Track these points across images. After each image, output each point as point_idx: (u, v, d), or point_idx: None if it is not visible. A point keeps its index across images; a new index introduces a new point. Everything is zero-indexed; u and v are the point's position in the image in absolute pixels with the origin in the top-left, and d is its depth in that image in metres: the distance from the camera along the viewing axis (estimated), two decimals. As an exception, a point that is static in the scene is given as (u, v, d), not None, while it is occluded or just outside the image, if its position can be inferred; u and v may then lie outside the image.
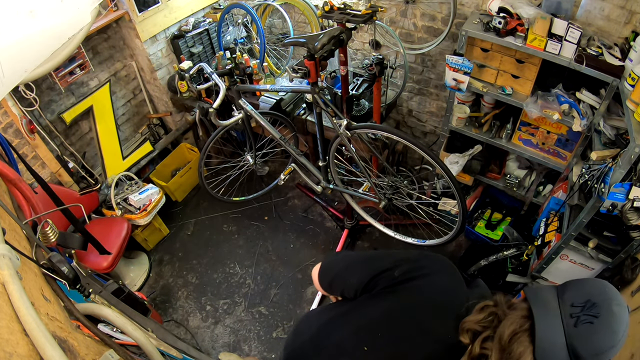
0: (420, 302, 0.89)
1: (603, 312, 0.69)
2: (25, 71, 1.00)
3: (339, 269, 1.08)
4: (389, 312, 0.90)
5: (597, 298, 0.71)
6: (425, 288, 0.90)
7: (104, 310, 0.98)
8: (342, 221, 2.95)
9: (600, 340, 0.69)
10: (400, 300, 0.90)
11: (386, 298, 0.91)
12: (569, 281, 0.79)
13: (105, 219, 2.66)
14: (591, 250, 1.89)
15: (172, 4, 2.77)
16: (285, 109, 2.76)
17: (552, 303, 0.74)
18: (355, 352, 0.91)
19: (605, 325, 0.69)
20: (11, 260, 0.71)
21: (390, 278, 0.92)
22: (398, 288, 0.90)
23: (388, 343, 0.88)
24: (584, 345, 0.69)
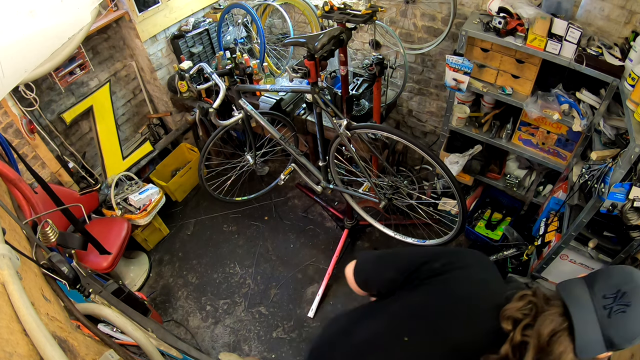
0: (463, 292, 0.91)
1: (634, 300, 0.72)
2: (25, 71, 1.00)
3: (375, 265, 1.10)
4: (433, 301, 0.92)
5: (627, 287, 0.73)
6: (465, 279, 0.93)
7: (104, 310, 0.98)
8: (342, 221, 2.95)
9: (634, 326, 0.72)
10: (444, 290, 0.92)
11: (429, 289, 0.93)
12: (596, 272, 0.81)
13: (105, 219, 2.66)
14: (591, 250, 1.89)
15: (172, 4, 2.77)
16: (285, 109, 2.76)
17: (584, 297, 0.76)
18: (393, 344, 0.93)
19: (638, 311, 0.71)
20: (11, 260, 0.71)
21: (431, 269, 0.94)
22: (440, 279, 0.93)
23: (432, 331, 0.90)
24: (619, 333, 0.71)
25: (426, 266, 0.95)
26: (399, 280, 0.99)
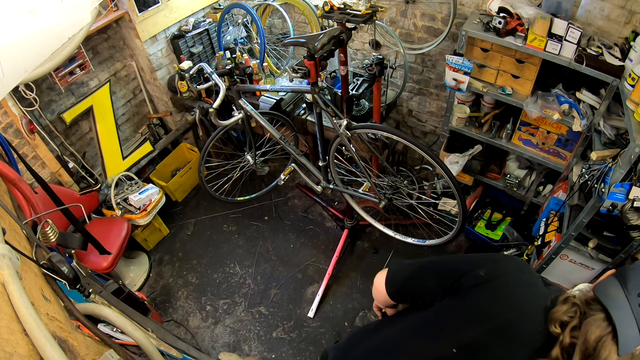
0: (511, 297, 0.91)
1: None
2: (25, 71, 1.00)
3: (413, 272, 1.07)
4: (481, 309, 0.92)
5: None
6: (512, 284, 0.93)
7: (104, 310, 0.98)
8: (342, 221, 2.95)
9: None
10: (491, 297, 0.92)
11: (476, 296, 0.93)
12: (625, 269, 0.83)
13: (105, 219, 2.66)
14: (591, 250, 1.89)
15: (172, 4, 2.77)
16: (285, 109, 2.76)
17: (621, 298, 0.77)
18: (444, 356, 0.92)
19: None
20: (11, 260, 0.71)
21: (476, 276, 0.94)
22: (486, 286, 0.92)
23: (481, 338, 0.90)
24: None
25: (470, 274, 0.94)
26: (442, 289, 0.97)
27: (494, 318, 0.90)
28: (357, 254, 2.97)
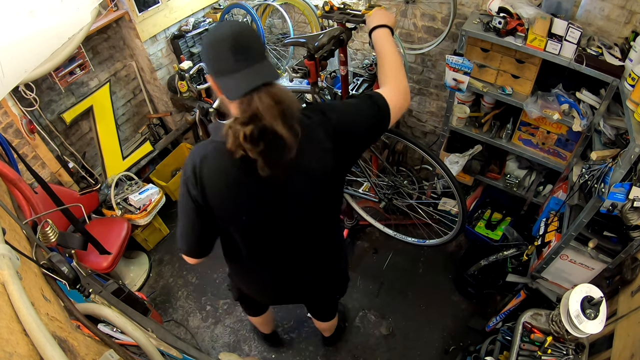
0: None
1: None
2: (25, 71, 1.00)
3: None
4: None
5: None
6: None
7: (104, 310, 0.98)
8: (342, 221, 2.96)
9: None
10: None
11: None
12: None
13: (105, 219, 2.66)
14: (591, 250, 1.89)
15: (172, 4, 2.77)
16: (285, 109, 2.75)
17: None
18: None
19: None
20: (11, 260, 0.71)
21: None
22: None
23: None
24: None
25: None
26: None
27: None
28: (357, 254, 2.97)
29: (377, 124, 1.19)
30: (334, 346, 2.48)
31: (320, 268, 1.47)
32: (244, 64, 0.94)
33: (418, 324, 2.57)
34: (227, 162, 1.04)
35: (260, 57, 0.97)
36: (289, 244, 1.31)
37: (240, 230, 1.23)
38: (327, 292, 1.76)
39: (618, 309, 1.77)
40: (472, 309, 2.62)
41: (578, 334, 1.57)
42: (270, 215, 1.17)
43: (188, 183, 1.10)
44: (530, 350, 1.74)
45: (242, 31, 0.96)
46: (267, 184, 1.05)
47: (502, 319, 2.26)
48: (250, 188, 1.09)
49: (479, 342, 2.21)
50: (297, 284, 1.49)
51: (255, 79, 0.94)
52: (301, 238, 1.31)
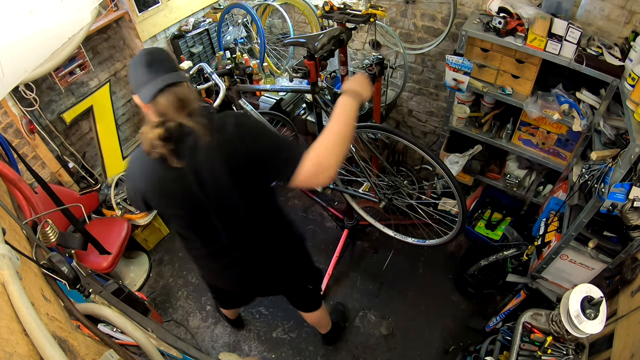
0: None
1: None
2: (25, 71, 1.00)
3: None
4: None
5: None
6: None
7: (104, 310, 0.98)
8: (342, 221, 2.95)
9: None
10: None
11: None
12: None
13: (105, 219, 2.66)
14: (591, 250, 1.89)
15: (172, 4, 2.77)
16: (285, 109, 2.76)
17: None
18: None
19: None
20: (11, 260, 0.71)
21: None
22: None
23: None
24: None
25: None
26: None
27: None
28: (357, 254, 2.97)
29: (273, 171, 1.23)
30: (333, 345, 2.48)
31: (265, 259, 1.52)
32: (155, 75, 1.13)
33: (418, 324, 2.57)
34: (149, 162, 1.20)
35: (169, 69, 1.16)
36: (226, 233, 1.38)
37: (177, 222, 1.39)
38: (285, 282, 1.81)
39: (618, 309, 1.77)
40: (472, 309, 2.62)
41: (578, 334, 1.57)
42: (196, 205, 1.27)
43: (128, 186, 1.32)
44: (530, 350, 1.74)
45: (154, 51, 1.19)
46: (184, 176, 1.19)
47: (502, 319, 2.26)
48: (172, 182, 1.22)
49: (479, 342, 2.21)
50: (246, 273, 1.57)
51: (162, 83, 1.12)
52: (234, 228, 1.37)
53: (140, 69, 1.14)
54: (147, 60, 1.15)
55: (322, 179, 1.17)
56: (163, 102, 1.12)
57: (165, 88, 1.12)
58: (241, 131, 1.19)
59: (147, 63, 1.14)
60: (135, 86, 1.17)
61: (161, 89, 1.11)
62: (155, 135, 1.12)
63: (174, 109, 1.13)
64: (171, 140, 1.14)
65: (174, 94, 1.13)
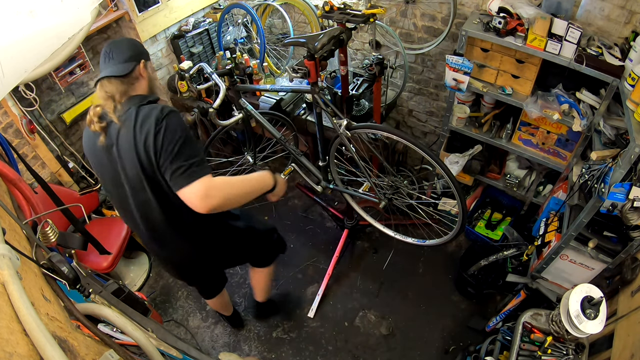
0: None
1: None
2: (25, 71, 1.00)
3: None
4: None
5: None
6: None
7: (104, 310, 0.98)
8: (342, 221, 2.95)
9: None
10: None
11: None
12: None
13: (105, 219, 2.66)
14: (591, 250, 1.89)
15: (172, 4, 2.77)
16: (285, 109, 2.76)
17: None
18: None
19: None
20: (11, 260, 0.71)
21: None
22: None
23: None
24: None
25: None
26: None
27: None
28: (357, 254, 2.97)
29: (167, 174, 1.32)
30: (265, 321, 2.61)
31: (183, 238, 1.63)
32: (105, 65, 1.41)
33: (418, 324, 2.57)
34: (91, 134, 1.43)
35: (119, 60, 1.40)
36: (143, 221, 1.53)
37: (113, 202, 1.62)
38: (218, 264, 2.01)
39: (618, 309, 1.77)
40: (472, 309, 2.62)
41: (578, 334, 1.57)
42: (119, 183, 1.45)
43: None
44: (530, 350, 1.74)
45: (113, 43, 1.44)
46: (111, 153, 1.40)
47: (502, 319, 2.26)
48: (103, 155, 1.42)
49: (479, 342, 2.21)
50: (169, 260, 1.77)
51: (101, 74, 1.40)
52: (149, 216, 1.51)
53: (101, 57, 1.43)
54: (105, 51, 1.42)
55: (210, 205, 1.26)
56: (99, 90, 1.41)
57: (101, 79, 1.39)
58: (156, 128, 1.31)
59: (104, 53, 1.42)
60: (100, 71, 1.44)
61: (99, 79, 1.40)
62: (92, 112, 1.39)
63: (104, 98, 1.38)
64: (104, 120, 1.37)
65: (102, 86, 1.39)
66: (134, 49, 1.45)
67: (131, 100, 1.41)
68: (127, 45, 1.46)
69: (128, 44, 1.46)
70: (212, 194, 1.26)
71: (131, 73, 1.42)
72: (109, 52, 1.43)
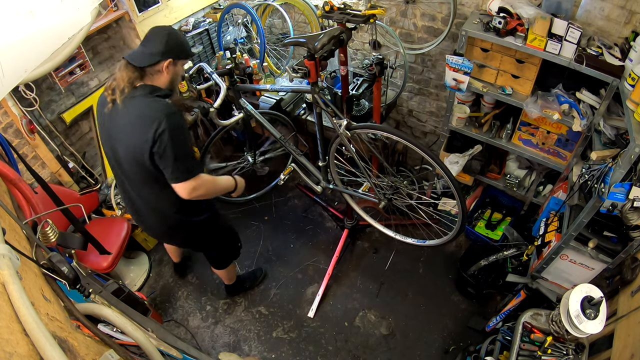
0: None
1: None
2: (25, 71, 1.00)
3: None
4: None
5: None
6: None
7: (104, 310, 0.98)
8: (342, 221, 2.95)
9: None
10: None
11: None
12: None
13: (105, 219, 2.66)
14: (591, 250, 1.89)
15: (172, 4, 2.77)
16: (285, 108, 2.76)
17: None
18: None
19: None
20: (11, 260, 0.71)
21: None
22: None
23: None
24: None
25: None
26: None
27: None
28: (357, 254, 2.97)
29: (164, 171, 1.56)
30: (231, 299, 2.75)
31: (147, 215, 1.86)
32: (139, 47, 1.58)
33: (418, 324, 2.57)
34: (104, 99, 1.61)
35: (149, 50, 1.54)
36: (126, 183, 1.74)
37: (105, 153, 1.77)
38: (167, 239, 2.30)
39: (618, 309, 1.77)
40: (472, 309, 2.62)
41: (578, 334, 1.57)
42: (112, 149, 1.63)
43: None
44: (530, 350, 1.74)
45: (155, 31, 1.57)
46: (111, 120, 1.58)
47: (502, 319, 2.26)
48: (106, 118, 1.60)
49: (479, 342, 2.21)
50: (142, 221, 1.96)
51: (127, 55, 1.56)
52: (131, 182, 1.72)
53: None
54: (146, 34, 1.58)
55: (193, 195, 1.60)
56: (117, 68, 1.58)
57: (123, 59, 1.56)
58: (159, 127, 1.48)
59: (145, 36, 1.58)
60: None
61: (123, 57, 1.57)
62: (108, 84, 1.59)
63: (117, 77, 1.56)
64: (116, 92, 1.54)
65: (119, 67, 1.56)
66: (167, 45, 1.53)
67: (141, 88, 1.56)
68: (162, 39, 1.53)
69: (165, 37, 1.54)
70: (198, 189, 1.60)
71: (151, 66, 1.55)
72: (147, 37, 1.56)
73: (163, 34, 1.55)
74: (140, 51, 1.55)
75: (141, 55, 1.54)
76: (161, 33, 1.56)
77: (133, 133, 1.52)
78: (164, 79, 1.62)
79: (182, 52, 1.62)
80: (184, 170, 1.55)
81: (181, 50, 1.61)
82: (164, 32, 1.56)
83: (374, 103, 2.42)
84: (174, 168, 1.53)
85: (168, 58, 1.55)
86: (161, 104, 1.54)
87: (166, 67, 1.57)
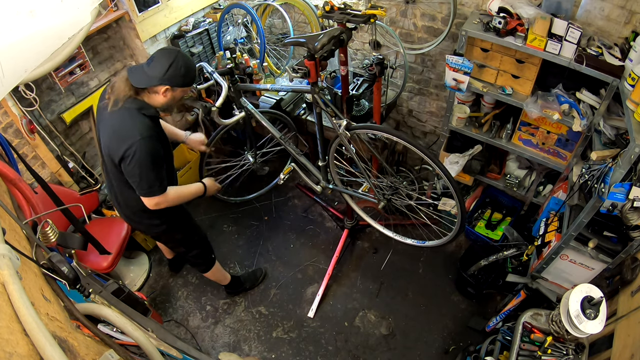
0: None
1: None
2: (25, 71, 1.00)
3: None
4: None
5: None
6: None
7: (104, 310, 0.98)
8: (342, 221, 2.96)
9: None
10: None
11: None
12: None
13: (105, 219, 2.66)
14: (591, 250, 1.89)
15: (172, 4, 2.77)
16: (285, 108, 2.76)
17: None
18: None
19: None
20: (11, 260, 0.71)
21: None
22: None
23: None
24: None
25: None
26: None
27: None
28: (357, 254, 2.97)
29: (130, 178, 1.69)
30: (231, 299, 2.77)
31: (124, 207, 1.97)
32: (143, 65, 1.61)
33: (418, 323, 2.57)
34: (104, 95, 1.69)
35: (151, 72, 1.58)
36: (110, 174, 1.82)
37: (98, 144, 1.82)
38: (142, 232, 2.58)
39: (618, 309, 1.77)
40: (472, 309, 2.62)
41: (578, 334, 1.57)
42: (99, 140, 1.73)
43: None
44: (530, 350, 1.74)
45: (163, 53, 1.60)
46: (100, 117, 1.69)
47: (502, 319, 2.26)
48: (101, 112, 1.70)
49: (479, 342, 2.21)
50: (121, 212, 2.04)
51: (130, 68, 1.63)
52: (110, 174, 1.82)
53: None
54: (153, 54, 1.61)
55: (156, 208, 1.76)
56: (119, 75, 1.67)
57: (122, 70, 1.73)
58: (128, 149, 1.57)
59: (152, 56, 1.61)
60: None
61: (127, 68, 1.65)
62: (110, 84, 1.68)
63: (115, 85, 1.64)
64: (111, 97, 1.62)
65: (120, 76, 1.64)
66: (167, 73, 1.57)
67: (132, 101, 1.62)
68: (165, 64, 1.56)
69: (168, 64, 1.56)
70: (161, 204, 1.76)
71: (147, 88, 1.61)
72: (153, 57, 1.60)
73: (167, 59, 1.56)
74: (142, 71, 1.59)
75: (141, 75, 1.59)
76: (165, 58, 1.57)
77: (111, 140, 1.62)
78: (160, 100, 1.66)
79: (183, 82, 1.63)
80: (147, 188, 1.67)
81: (182, 80, 1.63)
82: (169, 57, 1.57)
83: (374, 103, 2.42)
84: (138, 184, 1.66)
85: (166, 85, 1.59)
86: (141, 124, 1.61)
87: (164, 92, 1.62)
